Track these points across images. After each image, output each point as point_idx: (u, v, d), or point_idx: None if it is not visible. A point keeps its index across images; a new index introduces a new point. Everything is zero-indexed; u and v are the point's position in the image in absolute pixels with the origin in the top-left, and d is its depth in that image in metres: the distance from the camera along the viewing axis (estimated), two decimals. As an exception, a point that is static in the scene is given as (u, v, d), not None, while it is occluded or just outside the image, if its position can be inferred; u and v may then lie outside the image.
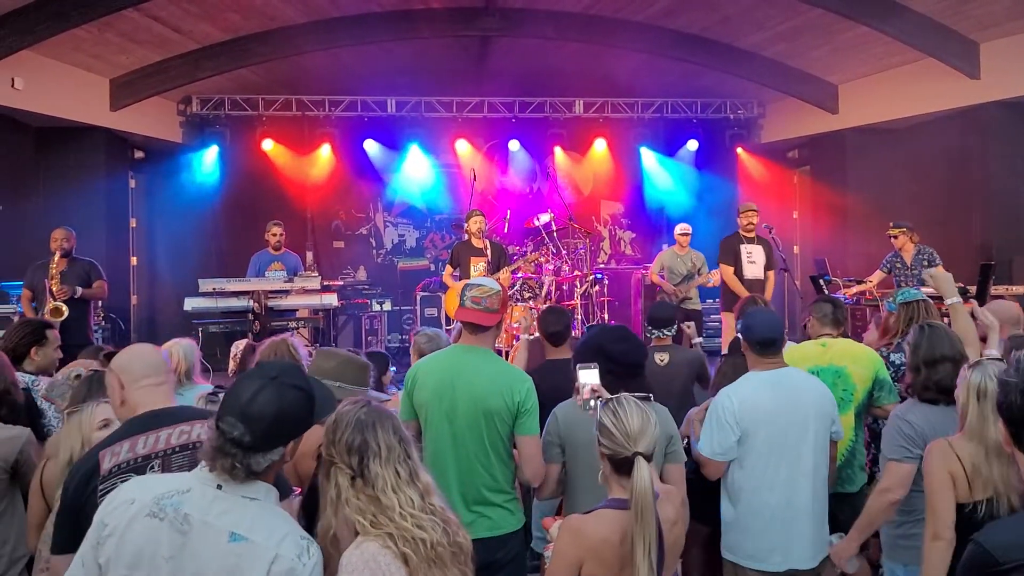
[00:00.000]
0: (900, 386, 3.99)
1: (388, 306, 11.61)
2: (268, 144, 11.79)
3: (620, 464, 2.36)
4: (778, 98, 11.50)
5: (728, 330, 8.15)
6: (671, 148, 12.91)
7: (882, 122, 10.34)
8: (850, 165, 10.88)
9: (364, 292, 11.81)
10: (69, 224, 7.34)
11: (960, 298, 4.02)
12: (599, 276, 10.48)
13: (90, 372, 3.32)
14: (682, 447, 3.23)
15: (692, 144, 12.64)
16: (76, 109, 9.46)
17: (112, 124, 9.98)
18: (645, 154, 12.96)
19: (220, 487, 1.93)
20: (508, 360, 4.56)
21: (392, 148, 12.42)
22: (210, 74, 9.89)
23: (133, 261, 11.21)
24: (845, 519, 3.51)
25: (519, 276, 9.15)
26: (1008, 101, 8.86)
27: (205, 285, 7.81)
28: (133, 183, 11.25)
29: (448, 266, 8.59)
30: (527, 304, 8.90)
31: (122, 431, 2.45)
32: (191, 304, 7.81)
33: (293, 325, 8.06)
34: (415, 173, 12.68)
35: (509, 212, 11.39)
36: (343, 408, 2.17)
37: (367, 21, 9.33)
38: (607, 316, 10.35)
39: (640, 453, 2.31)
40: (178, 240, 11.39)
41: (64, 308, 6.77)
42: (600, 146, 12.69)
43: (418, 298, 11.25)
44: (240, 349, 4.66)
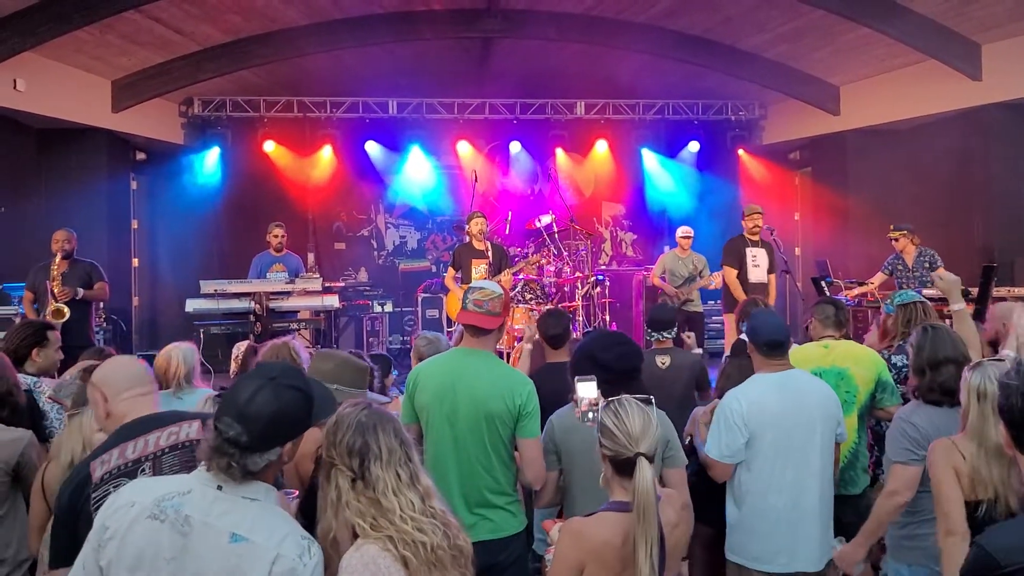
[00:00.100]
0: (902, 388, 4.00)
1: (389, 307, 11.62)
2: (269, 145, 11.81)
3: (622, 465, 2.36)
4: (779, 99, 11.50)
5: (731, 332, 8.15)
6: (672, 149, 12.91)
7: (884, 124, 10.33)
8: (851, 167, 10.87)
9: (365, 293, 11.80)
10: (70, 225, 7.33)
11: (964, 304, 4.02)
12: (600, 278, 10.47)
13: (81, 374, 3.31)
14: (681, 450, 3.22)
15: (693, 145, 12.66)
16: (78, 110, 9.47)
17: (114, 125, 9.98)
18: (646, 155, 12.97)
19: (220, 488, 1.93)
20: (510, 363, 4.56)
21: (393, 149, 12.43)
22: (211, 76, 9.89)
23: (135, 262, 11.21)
24: (848, 521, 3.50)
25: (520, 278, 9.15)
26: (1010, 103, 8.85)
27: (206, 286, 7.82)
28: (134, 184, 11.25)
29: (450, 268, 8.59)
30: (528, 306, 8.89)
31: (111, 441, 2.45)
32: (192, 305, 7.82)
33: (294, 326, 8.07)
34: (416, 174, 12.69)
35: (510, 213, 11.39)
36: (344, 410, 2.16)
37: (369, 23, 9.32)
38: (608, 318, 10.33)
39: (642, 454, 2.31)
40: (179, 241, 11.41)
41: (66, 309, 6.76)
42: (601, 147, 12.70)
43: (419, 299, 11.25)
44: (241, 351, 4.65)
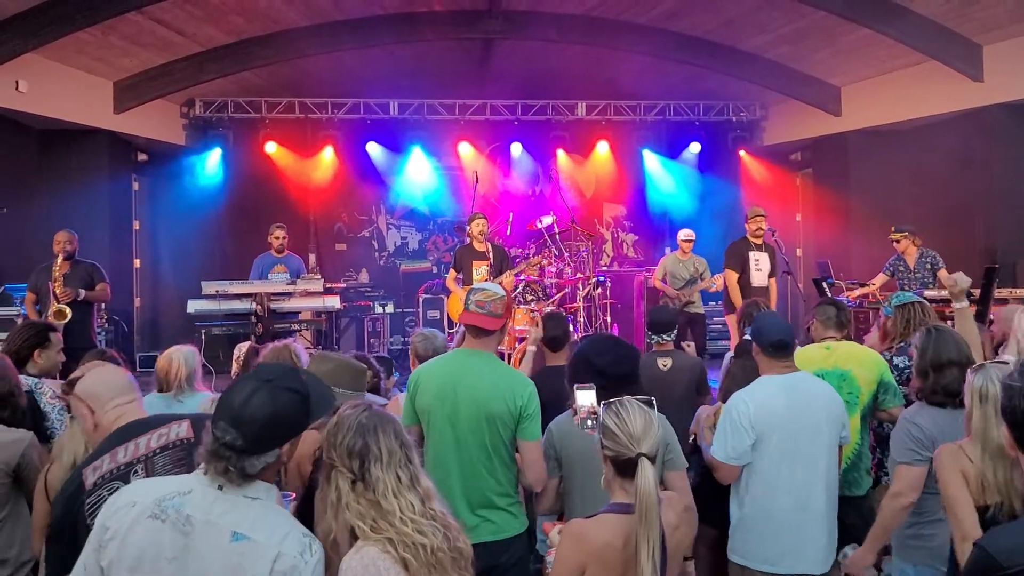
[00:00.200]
0: (904, 389, 3.99)
1: (390, 308, 11.62)
2: (271, 147, 11.82)
3: (623, 466, 2.35)
4: (781, 100, 11.50)
5: (734, 334, 8.12)
6: (673, 151, 12.91)
7: (885, 124, 10.32)
8: (853, 168, 10.86)
9: (366, 294, 11.80)
10: (72, 226, 7.34)
11: (967, 303, 4.01)
12: (601, 279, 10.46)
13: None
14: (680, 453, 3.21)
15: (694, 147, 12.66)
16: (80, 111, 9.47)
17: (115, 127, 9.99)
18: (647, 157, 12.97)
19: (221, 487, 1.94)
20: (511, 364, 4.55)
21: (394, 151, 12.44)
22: (213, 77, 9.90)
23: (136, 263, 11.22)
24: (851, 523, 3.50)
25: (522, 279, 9.14)
26: (1011, 104, 8.83)
27: (208, 287, 7.83)
28: (136, 185, 11.26)
29: (451, 270, 8.58)
30: (529, 307, 8.89)
31: (101, 447, 2.45)
32: (194, 306, 7.83)
33: (296, 327, 8.09)
34: (417, 176, 12.71)
35: (511, 215, 11.39)
36: (344, 412, 2.16)
37: (370, 24, 9.32)
38: (609, 319, 10.33)
39: (644, 454, 2.30)
40: (181, 242, 11.42)
41: (67, 310, 6.77)
42: (602, 149, 12.70)
43: (420, 300, 11.26)
44: (243, 351, 4.64)
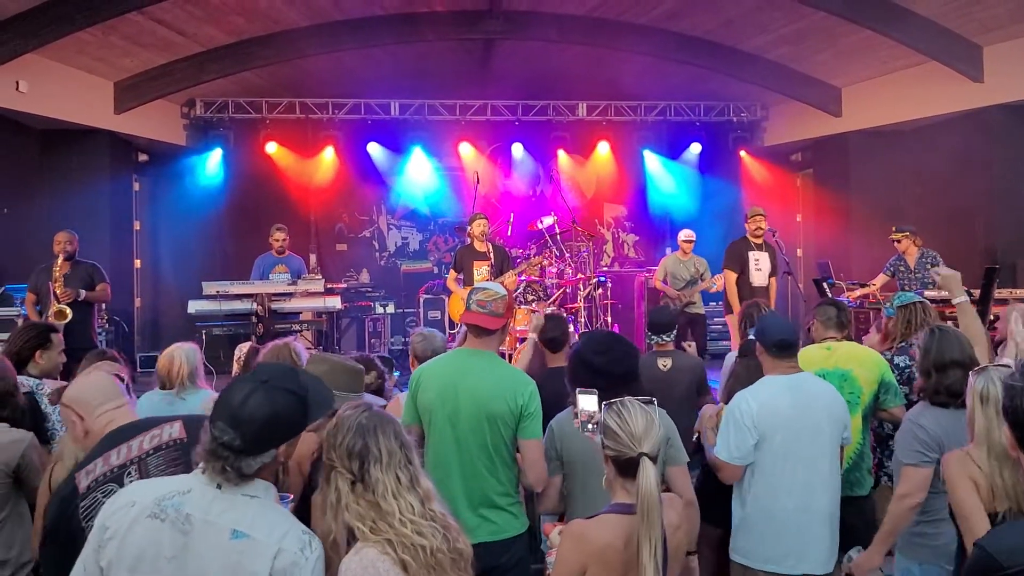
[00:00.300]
0: (905, 388, 4.00)
1: (391, 309, 11.61)
2: (272, 147, 11.81)
3: (625, 466, 2.35)
4: (781, 101, 11.49)
5: (734, 334, 8.11)
6: (674, 151, 12.91)
7: (885, 125, 10.32)
8: (853, 168, 10.86)
9: (367, 295, 11.79)
10: (72, 227, 7.34)
11: (967, 297, 4.01)
12: (602, 279, 10.46)
13: None
14: (682, 448, 3.21)
15: (695, 147, 12.66)
16: (80, 112, 9.47)
17: (116, 127, 9.99)
18: (648, 157, 12.96)
19: (219, 486, 1.94)
20: (511, 361, 4.54)
21: (395, 151, 12.44)
22: (214, 77, 9.90)
23: (137, 264, 11.22)
24: (853, 523, 3.50)
25: (522, 279, 9.14)
26: (1012, 104, 8.82)
27: (209, 288, 7.83)
28: (137, 186, 11.26)
29: (452, 270, 8.58)
30: (530, 307, 8.89)
31: (93, 452, 2.46)
32: (195, 307, 7.83)
33: (296, 328, 8.09)
34: (418, 176, 12.70)
35: (512, 215, 11.40)
36: (344, 412, 2.16)
37: (370, 24, 9.32)
38: (610, 319, 10.33)
39: (645, 454, 2.30)
40: (182, 243, 11.42)
41: (68, 311, 6.77)
42: (603, 149, 12.69)
43: (421, 301, 11.25)
44: (244, 352, 4.64)
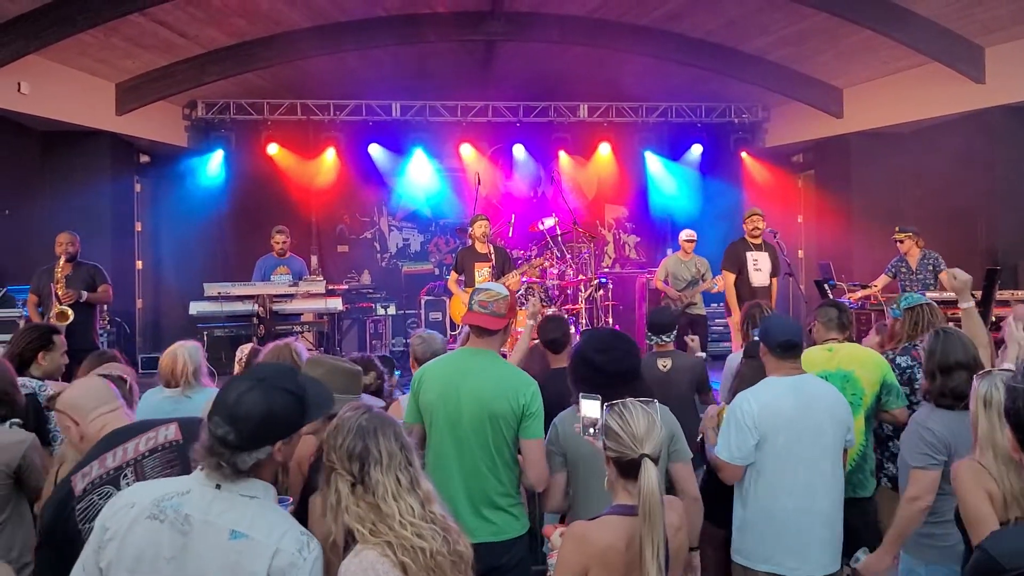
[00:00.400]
0: (905, 389, 4.00)
1: (392, 310, 11.61)
2: (273, 148, 11.81)
3: (627, 467, 2.35)
4: (782, 102, 11.49)
5: (735, 335, 8.11)
6: (675, 152, 12.91)
7: (887, 126, 10.31)
8: (854, 169, 10.86)
9: (368, 296, 11.79)
10: (74, 228, 7.33)
11: (972, 302, 4.01)
12: (603, 280, 10.46)
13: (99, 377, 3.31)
14: (686, 445, 3.22)
15: (696, 148, 12.65)
16: (82, 113, 9.48)
17: (117, 128, 10.00)
18: (649, 158, 12.95)
19: (219, 487, 1.95)
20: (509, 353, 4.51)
21: (396, 152, 12.44)
22: (215, 78, 9.91)
23: (138, 265, 11.23)
24: (856, 525, 3.50)
25: (524, 280, 9.13)
26: (1013, 106, 8.82)
27: (210, 289, 7.83)
28: (138, 187, 11.27)
29: (453, 271, 8.57)
30: (535, 296, 8.83)
31: (89, 455, 2.47)
32: (196, 308, 7.84)
33: (298, 329, 8.09)
34: (419, 177, 12.69)
35: (513, 216, 11.39)
36: (344, 414, 2.16)
37: (372, 25, 9.33)
38: (611, 320, 10.33)
39: (647, 455, 2.30)
40: (183, 244, 11.42)
41: (70, 312, 6.78)
42: (604, 150, 12.68)
43: (422, 302, 11.24)
44: (245, 353, 4.64)
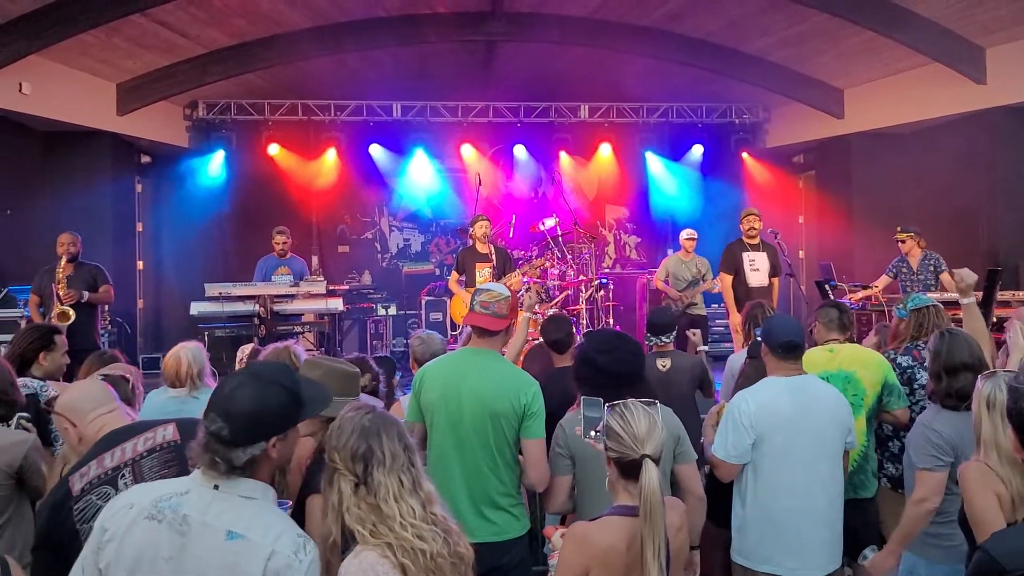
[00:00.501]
0: (905, 389, 4.00)
1: (393, 310, 11.60)
2: (274, 149, 11.80)
3: (628, 468, 2.36)
4: (783, 103, 11.49)
5: (736, 333, 8.10)
6: (676, 153, 12.90)
7: (888, 127, 10.31)
8: (855, 170, 10.86)
9: (369, 296, 11.78)
10: (75, 228, 7.34)
11: (973, 298, 4.02)
12: (604, 281, 10.46)
13: (101, 377, 3.31)
14: (691, 446, 3.23)
15: (697, 149, 12.64)
16: (83, 113, 9.49)
17: (119, 129, 10.00)
18: (650, 159, 12.94)
19: (217, 487, 1.94)
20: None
21: (397, 153, 12.43)
22: (217, 79, 9.91)
23: (139, 265, 11.23)
24: (858, 525, 3.50)
25: (525, 282, 9.12)
26: (1014, 106, 8.82)
27: (211, 289, 7.83)
28: (139, 187, 11.27)
29: (454, 272, 8.57)
30: (531, 288, 8.81)
31: (87, 456, 2.47)
32: (197, 308, 7.83)
33: (298, 329, 8.10)
34: (420, 178, 12.68)
35: (514, 217, 11.38)
36: (347, 414, 2.16)
37: (372, 26, 9.33)
38: (612, 321, 10.32)
39: (648, 455, 2.31)
40: (184, 244, 11.42)
41: (71, 312, 6.78)
42: (605, 151, 12.67)
43: (423, 303, 11.25)
44: (246, 353, 4.65)
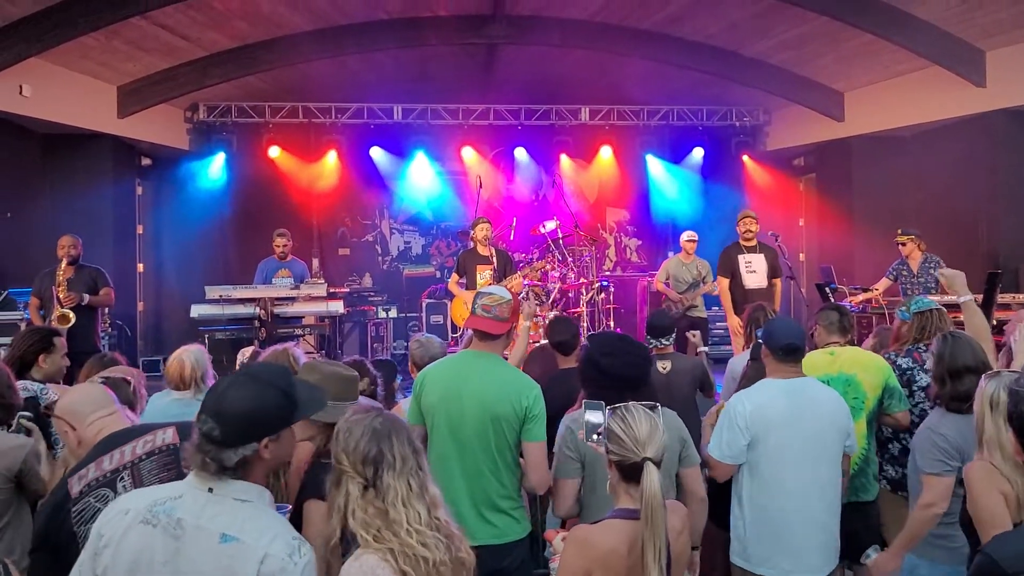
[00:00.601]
0: (904, 390, 4.00)
1: (394, 313, 11.61)
2: (275, 151, 11.80)
3: (629, 471, 2.36)
4: (784, 106, 11.49)
5: (736, 336, 8.09)
6: (677, 156, 12.90)
7: (888, 130, 10.32)
8: (856, 173, 10.87)
9: (370, 299, 11.78)
10: (76, 231, 7.34)
11: (971, 295, 4.02)
12: (605, 283, 10.46)
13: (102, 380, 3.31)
14: (695, 449, 3.25)
15: (698, 152, 12.65)
16: (83, 116, 9.49)
17: (119, 131, 10.00)
18: (651, 162, 12.95)
19: (211, 490, 1.94)
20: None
21: (398, 155, 12.44)
22: (217, 81, 9.92)
23: (140, 268, 11.23)
24: (859, 528, 3.50)
25: (526, 283, 9.13)
26: (1014, 109, 8.83)
27: (212, 292, 7.82)
28: (140, 190, 11.28)
29: (454, 274, 8.55)
30: (529, 298, 8.84)
31: (86, 458, 2.47)
32: (197, 311, 7.82)
33: (299, 332, 8.08)
34: (421, 180, 12.68)
35: (515, 220, 11.39)
36: (354, 416, 2.15)
37: (374, 28, 9.34)
38: (613, 323, 10.33)
39: (649, 458, 2.31)
40: (185, 247, 11.41)
41: (71, 315, 6.78)
42: (606, 153, 12.68)
43: (424, 305, 11.25)
44: (247, 356, 4.65)
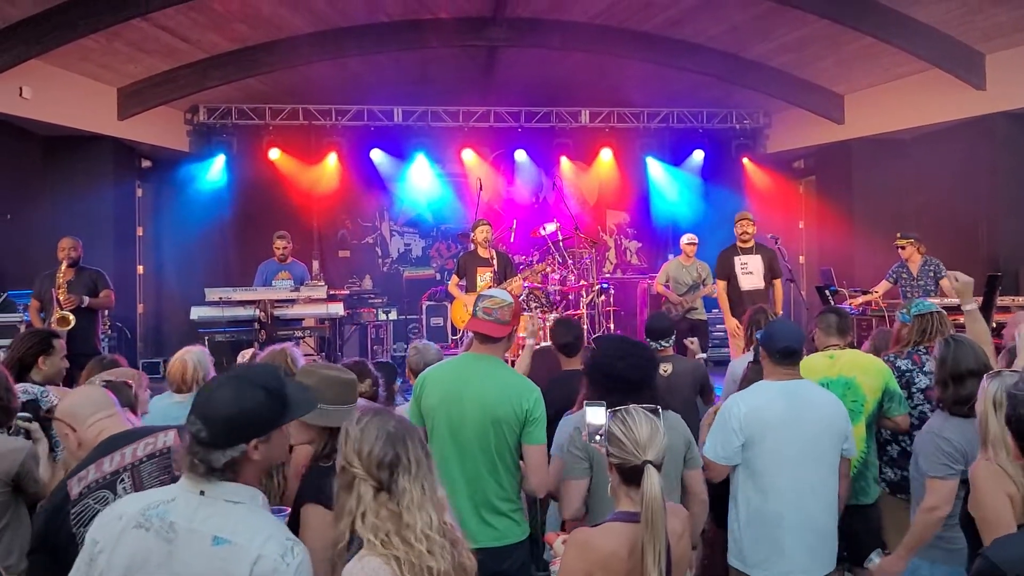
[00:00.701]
0: (904, 392, 4.00)
1: (394, 315, 11.61)
2: (275, 153, 11.79)
3: (630, 473, 2.36)
4: (784, 108, 11.50)
5: (733, 338, 8.09)
6: (677, 158, 12.92)
7: (888, 133, 10.33)
8: (856, 175, 10.88)
9: (370, 301, 11.79)
10: (76, 233, 7.34)
11: (975, 304, 4.01)
12: (605, 286, 10.47)
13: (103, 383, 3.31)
14: (698, 452, 3.26)
15: (698, 154, 12.66)
16: (84, 118, 9.50)
17: (119, 133, 10.01)
18: (651, 164, 12.96)
19: (203, 493, 1.94)
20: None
21: (398, 157, 12.44)
22: (217, 83, 9.93)
23: (140, 270, 11.23)
24: (860, 531, 3.49)
25: (526, 286, 9.13)
26: (1014, 112, 8.85)
27: (212, 294, 7.82)
28: (140, 192, 11.28)
29: (454, 276, 8.55)
30: (533, 313, 8.88)
31: (86, 460, 2.48)
32: (197, 313, 7.81)
33: (299, 334, 8.07)
34: (421, 183, 12.69)
35: (515, 222, 11.41)
36: (366, 419, 2.12)
37: (374, 31, 9.35)
38: (613, 326, 10.34)
39: (649, 461, 2.31)
40: (185, 249, 11.41)
41: (71, 317, 6.78)
42: (606, 156, 12.69)
43: (424, 307, 11.25)
44: (247, 358, 4.66)
